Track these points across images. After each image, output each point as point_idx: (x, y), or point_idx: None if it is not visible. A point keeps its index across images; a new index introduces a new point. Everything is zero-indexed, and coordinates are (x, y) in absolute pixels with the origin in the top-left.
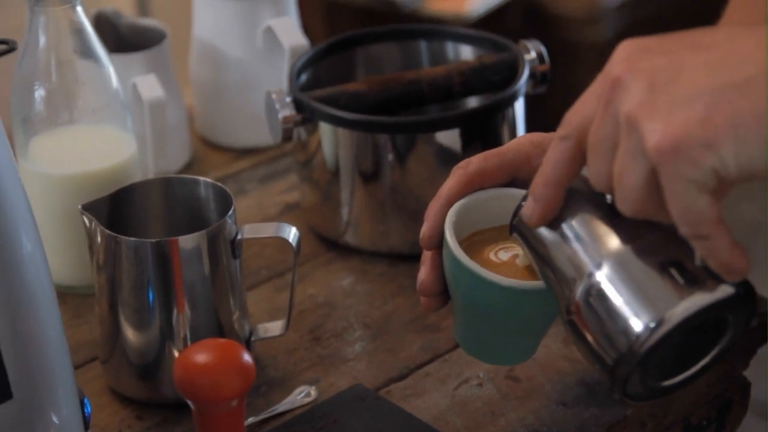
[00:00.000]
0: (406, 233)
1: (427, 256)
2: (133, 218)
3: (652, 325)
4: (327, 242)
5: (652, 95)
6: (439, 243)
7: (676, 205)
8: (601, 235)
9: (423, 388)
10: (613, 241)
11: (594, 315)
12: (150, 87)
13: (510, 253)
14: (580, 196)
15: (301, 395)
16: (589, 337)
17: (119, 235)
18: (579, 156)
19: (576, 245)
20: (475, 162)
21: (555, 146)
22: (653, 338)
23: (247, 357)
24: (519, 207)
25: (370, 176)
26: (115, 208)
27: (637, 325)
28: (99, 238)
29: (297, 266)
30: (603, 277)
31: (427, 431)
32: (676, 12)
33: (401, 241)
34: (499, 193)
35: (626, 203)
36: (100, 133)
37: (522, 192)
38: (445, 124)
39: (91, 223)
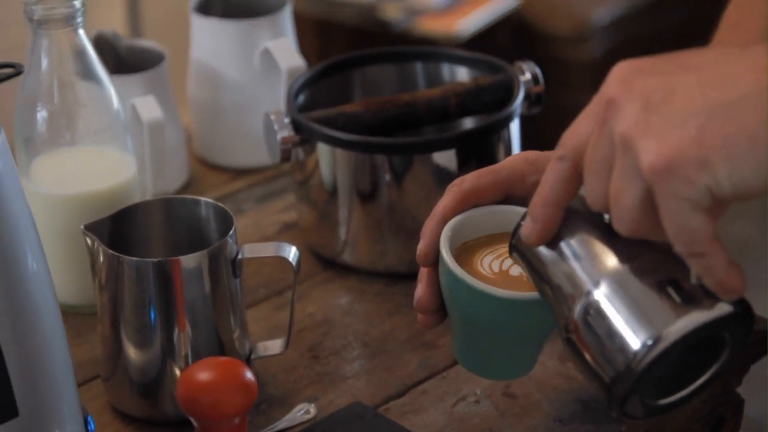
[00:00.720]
0: (402, 252)
1: (423, 273)
2: (135, 238)
3: (649, 342)
4: (325, 261)
5: (645, 115)
6: (435, 260)
7: (671, 223)
8: (599, 254)
9: (421, 405)
10: (611, 260)
11: (592, 333)
12: (149, 108)
13: (500, 260)
14: (578, 216)
15: (301, 413)
16: (587, 356)
17: (121, 255)
18: (576, 176)
19: (574, 264)
20: (469, 180)
21: (552, 167)
22: (650, 356)
23: (249, 375)
24: (518, 226)
25: (367, 196)
26: (117, 228)
27: (634, 342)
28: (101, 258)
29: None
30: (601, 295)
31: None
32: (665, 31)
33: (398, 261)
34: (493, 209)
35: (622, 223)
36: (101, 154)
37: (516, 209)
38: (441, 145)
39: (93, 242)
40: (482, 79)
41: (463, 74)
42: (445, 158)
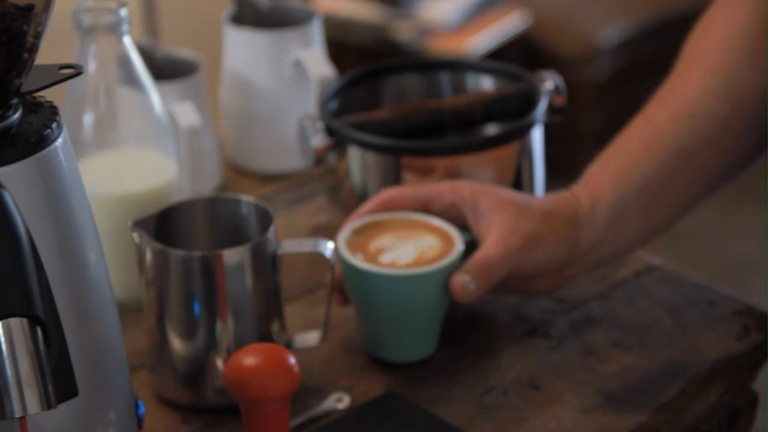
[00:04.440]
0: None
1: None
2: (179, 235)
3: None
4: None
5: None
6: None
7: None
8: None
9: (451, 395)
10: None
11: None
12: (187, 114)
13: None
14: None
15: (336, 401)
16: None
17: (168, 249)
18: None
19: None
20: (393, 189)
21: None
22: None
23: (292, 360)
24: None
25: None
26: (163, 225)
27: None
28: (148, 253)
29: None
30: None
31: None
32: (671, 53)
33: None
34: (395, 213)
35: None
36: (143, 157)
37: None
38: (467, 149)
39: (141, 238)
40: (506, 88)
41: (486, 84)
42: (471, 163)
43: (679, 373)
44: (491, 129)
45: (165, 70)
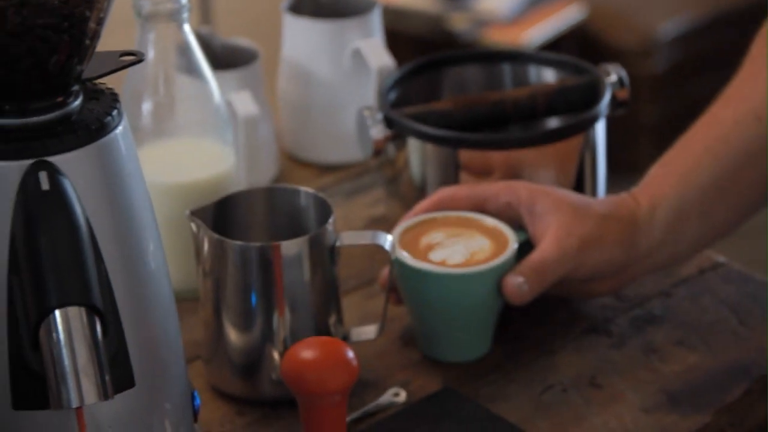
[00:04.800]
0: None
1: None
2: (236, 225)
3: None
4: None
5: None
6: None
7: None
8: None
9: (509, 392)
10: None
11: None
12: (245, 104)
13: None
14: None
15: (393, 396)
16: None
17: (226, 239)
18: None
19: None
20: (450, 187)
21: None
22: None
23: (350, 354)
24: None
25: None
26: (220, 215)
27: None
28: (206, 243)
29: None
30: None
31: None
32: (730, 47)
33: None
34: (448, 212)
35: None
36: (201, 146)
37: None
38: (530, 142)
39: (198, 228)
40: (569, 80)
41: (548, 76)
42: (533, 156)
43: (743, 373)
44: (553, 122)
45: (223, 59)
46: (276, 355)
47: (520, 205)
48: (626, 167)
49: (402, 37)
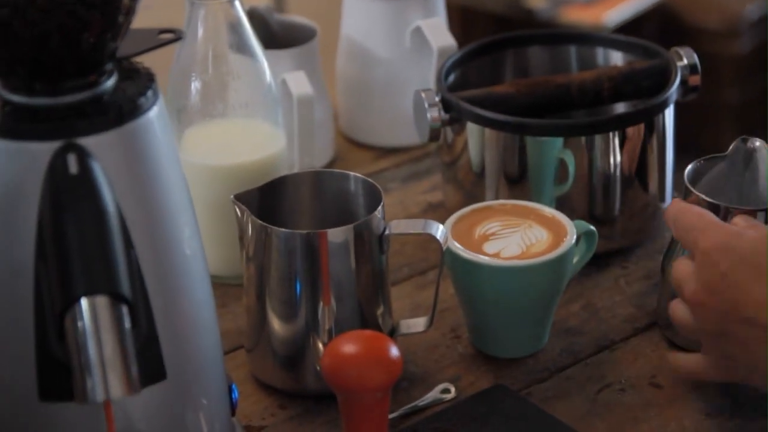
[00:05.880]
0: None
1: None
2: (283, 210)
3: None
4: None
5: None
6: None
7: None
8: None
9: (564, 391)
10: None
11: None
12: (299, 83)
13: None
14: None
15: (442, 392)
16: None
17: (270, 226)
18: None
19: None
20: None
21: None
22: None
23: (394, 350)
24: None
25: (515, 179)
26: (266, 200)
27: None
28: (250, 229)
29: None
30: None
31: None
32: None
33: None
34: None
35: None
36: (251, 127)
37: None
38: (596, 129)
39: (242, 213)
40: (638, 64)
41: (617, 59)
42: (599, 142)
43: None
44: (619, 107)
45: (281, 37)
46: (321, 347)
47: None
48: (707, 150)
49: (479, 14)
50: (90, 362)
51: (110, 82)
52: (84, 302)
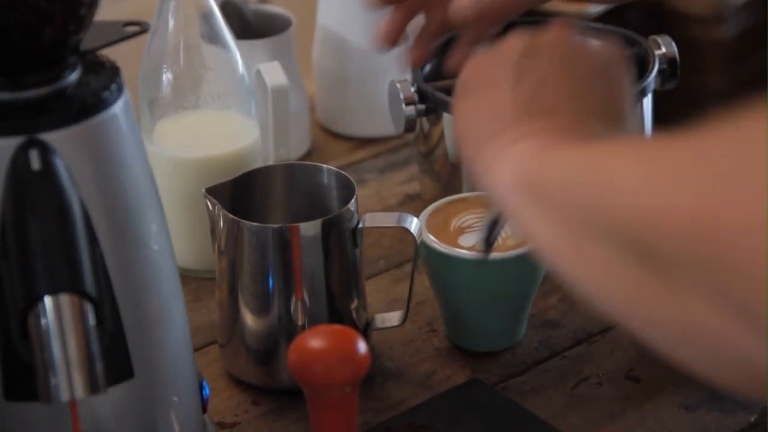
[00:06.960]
0: None
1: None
2: (255, 203)
3: None
4: None
5: None
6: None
7: None
8: None
9: (541, 384)
10: None
11: None
12: (274, 74)
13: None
14: None
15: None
16: None
17: (241, 220)
18: None
19: None
20: None
21: None
22: None
23: (362, 345)
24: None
25: None
26: (238, 193)
27: None
28: (221, 222)
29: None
30: None
31: (545, 429)
32: None
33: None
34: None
35: None
36: (224, 118)
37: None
38: None
39: (214, 207)
40: None
41: None
42: None
43: None
44: None
45: (256, 26)
46: None
47: None
48: None
49: None
50: (54, 361)
51: (74, 76)
52: (47, 300)
